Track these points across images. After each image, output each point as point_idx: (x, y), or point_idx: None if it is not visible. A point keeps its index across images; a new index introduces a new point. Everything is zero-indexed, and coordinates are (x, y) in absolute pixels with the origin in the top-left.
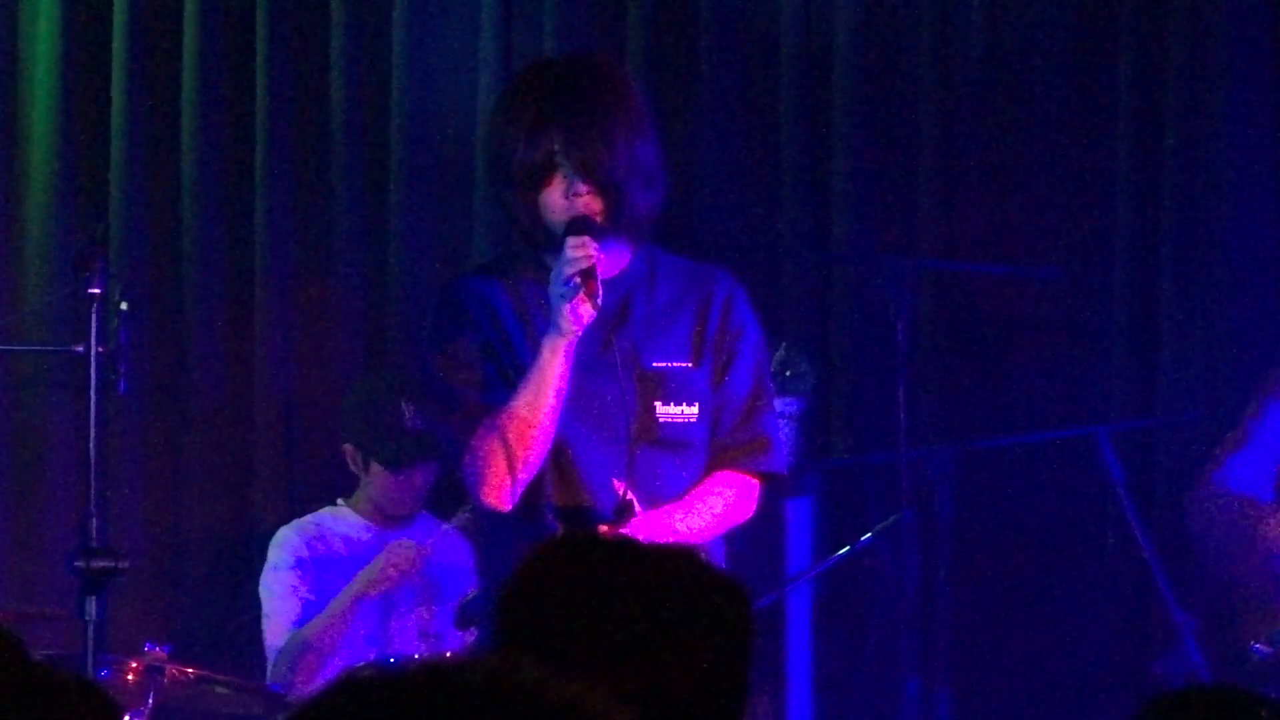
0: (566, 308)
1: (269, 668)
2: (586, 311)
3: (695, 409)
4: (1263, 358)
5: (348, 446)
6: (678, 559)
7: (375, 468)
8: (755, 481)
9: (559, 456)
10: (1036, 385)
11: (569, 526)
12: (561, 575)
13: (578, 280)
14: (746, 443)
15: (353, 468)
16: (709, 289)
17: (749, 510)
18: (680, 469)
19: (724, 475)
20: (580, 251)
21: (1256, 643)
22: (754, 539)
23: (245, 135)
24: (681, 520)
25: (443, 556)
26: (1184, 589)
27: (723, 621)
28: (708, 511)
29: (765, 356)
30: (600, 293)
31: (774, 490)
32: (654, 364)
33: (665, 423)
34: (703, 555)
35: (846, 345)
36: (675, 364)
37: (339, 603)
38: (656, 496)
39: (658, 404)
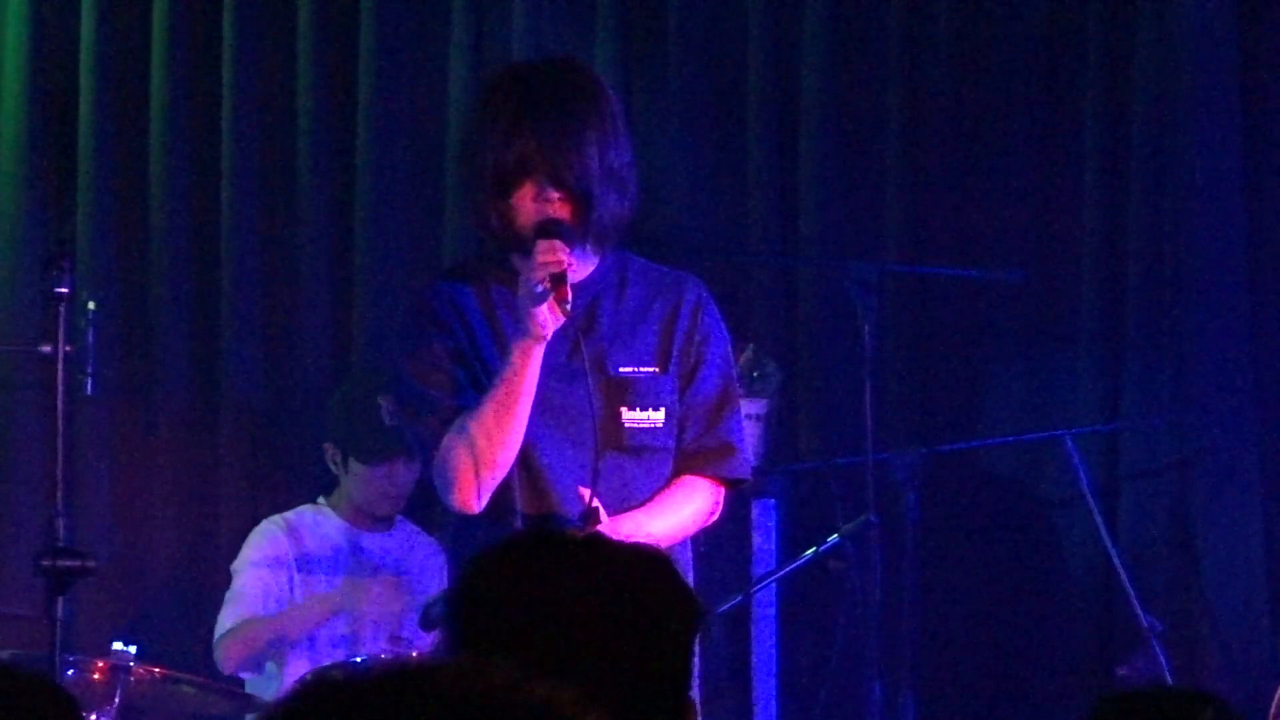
0: (535, 311)
1: (215, 640)
2: (555, 316)
3: (661, 415)
4: (1228, 362)
5: (328, 445)
6: (633, 561)
7: (354, 464)
8: (720, 487)
9: (526, 461)
10: (1002, 389)
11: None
12: (511, 574)
13: (547, 285)
14: (712, 449)
15: (333, 468)
16: (678, 295)
17: (714, 515)
18: (646, 475)
19: (690, 480)
20: (551, 256)
21: None
22: (720, 541)
23: (213, 136)
24: (647, 525)
25: (414, 560)
26: (1149, 593)
27: (672, 626)
28: (674, 517)
29: (732, 363)
30: (570, 298)
31: (739, 495)
32: (621, 369)
33: (631, 428)
34: (661, 556)
35: (813, 348)
36: (642, 370)
37: (306, 613)
38: (622, 502)
39: (624, 409)
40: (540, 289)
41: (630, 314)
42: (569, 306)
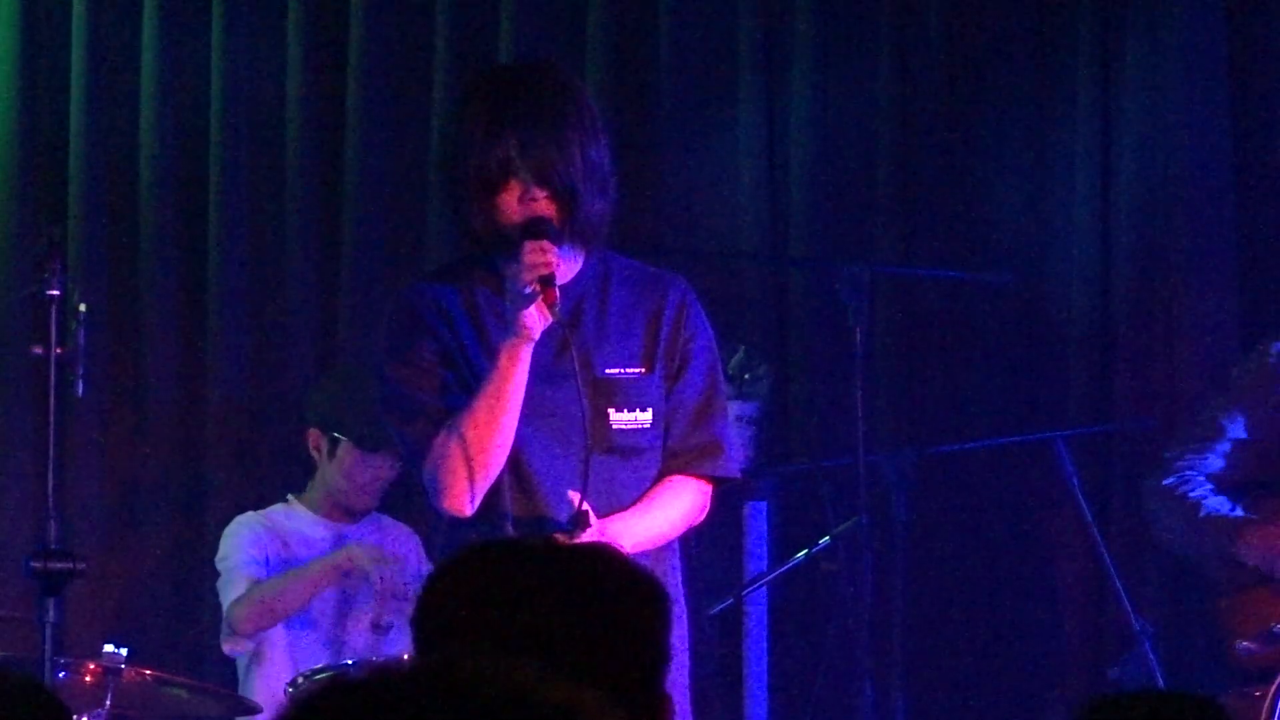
0: (523, 313)
1: (224, 622)
2: (543, 316)
3: (649, 415)
4: (1218, 363)
5: (313, 432)
6: (590, 559)
7: (343, 452)
8: (708, 485)
9: (515, 464)
10: (993, 390)
11: (527, 534)
12: (469, 585)
13: (536, 286)
14: (699, 447)
15: (315, 455)
16: (662, 295)
17: (702, 514)
18: (634, 475)
19: (678, 480)
20: (539, 257)
21: (1244, 641)
22: (711, 543)
23: (201, 139)
24: (636, 527)
25: (394, 548)
26: (1140, 594)
27: (636, 620)
28: (663, 517)
29: (718, 362)
30: (559, 300)
31: (730, 497)
32: (607, 371)
33: (619, 430)
34: (618, 553)
35: (804, 350)
36: (628, 371)
37: (306, 571)
38: (611, 503)
39: (611, 411)
40: (529, 290)
41: (615, 314)
42: (558, 309)
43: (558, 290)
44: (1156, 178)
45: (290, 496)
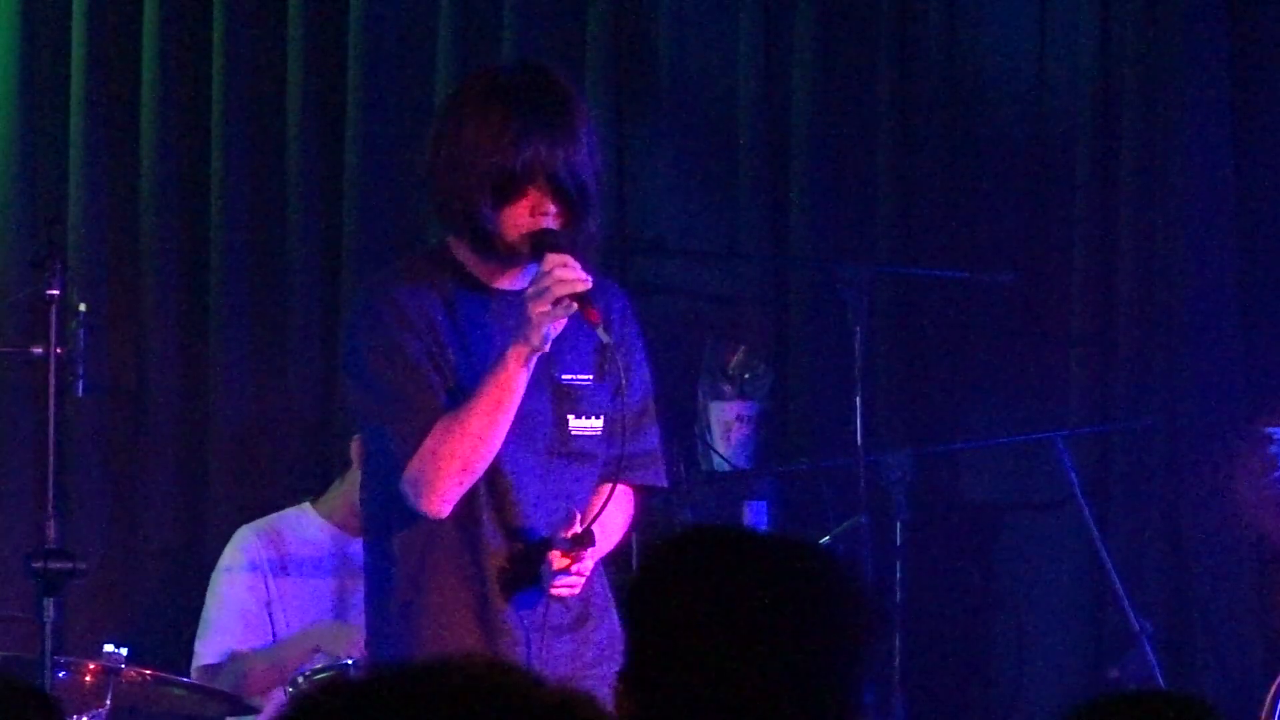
0: (548, 325)
1: (193, 671)
2: (556, 329)
3: (600, 422)
4: (1219, 363)
5: (359, 440)
6: (807, 557)
7: None
8: (640, 494)
9: (490, 468)
10: (993, 390)
11: (509, 537)
12: (687, 566)
13: (573, 303)
14: (637, 456)
15: (354, 461)
16: (605, 304)
17: (630, 521)
18: (584, 481)
19: (620, 489)
20: (570, 274)
21: None
22: None
23: (202, 137)
24: (602, 538)
25: None
26: (1140, 594)
27: (851, 623)
28: (615, 525)
29: (652, 370)
30: (599, 320)
31: (726, 494)
32: (563, 377)
33: (576, 435)
34: (828, 552)
35: (804, 349)
36: (581, 378)
37: (285, 653)
38: (566, 508)
39: (570, 417)
40: (561, 304)
41: (569, 321)
42: (606, 327)
43: (596, 308)
44: (1157, 175)
45: (306, 503)
